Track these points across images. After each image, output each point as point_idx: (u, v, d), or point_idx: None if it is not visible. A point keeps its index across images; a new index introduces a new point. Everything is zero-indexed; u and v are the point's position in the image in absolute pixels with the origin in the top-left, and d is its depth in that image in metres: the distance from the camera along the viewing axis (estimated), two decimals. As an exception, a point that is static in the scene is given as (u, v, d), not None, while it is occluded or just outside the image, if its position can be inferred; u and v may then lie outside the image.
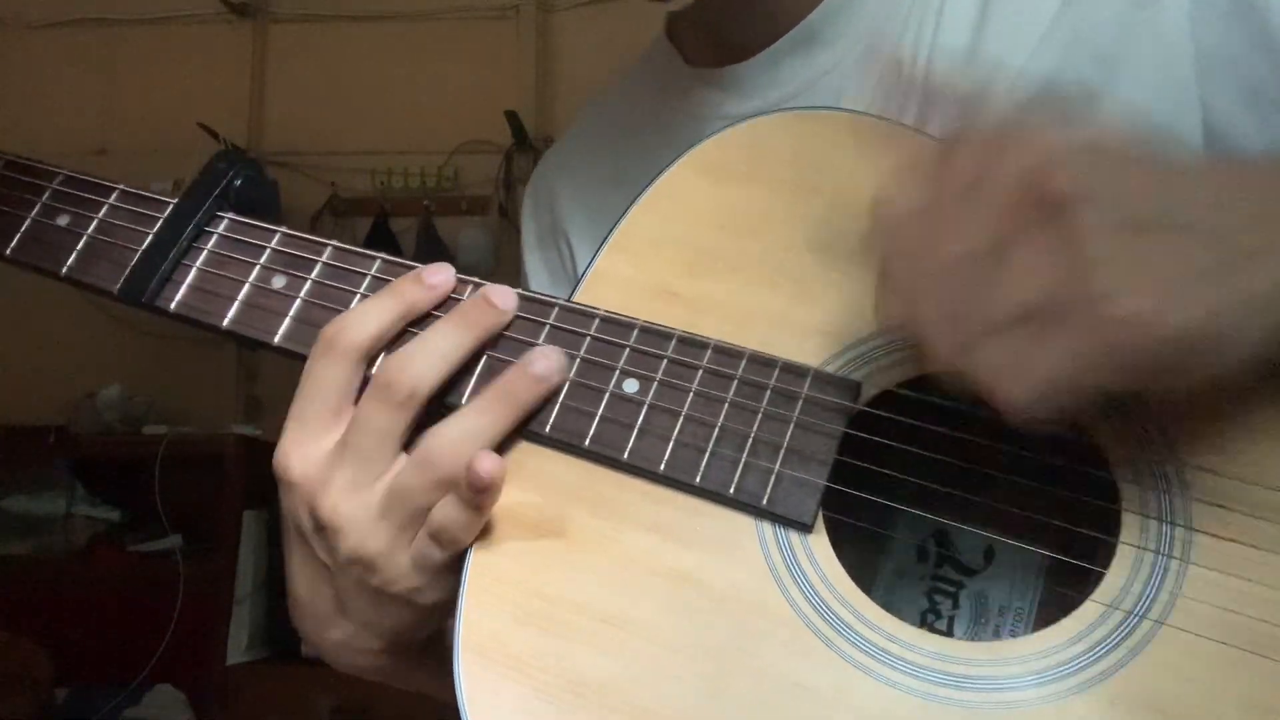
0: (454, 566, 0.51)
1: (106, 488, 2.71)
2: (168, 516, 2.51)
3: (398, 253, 0.56)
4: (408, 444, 0.51)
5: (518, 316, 0.53)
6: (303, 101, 3.08)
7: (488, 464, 0.48)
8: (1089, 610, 0.44)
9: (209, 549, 2.51)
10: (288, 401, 0.52)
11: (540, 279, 0.79)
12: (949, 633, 0.54)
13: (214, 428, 2.71)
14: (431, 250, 2.84)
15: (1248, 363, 0.40)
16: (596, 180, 0.76)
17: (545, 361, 0.51)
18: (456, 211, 2.99)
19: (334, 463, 0.50)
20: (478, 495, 0.48)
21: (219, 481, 2.50)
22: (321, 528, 0.50)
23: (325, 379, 0.51)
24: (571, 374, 0.52)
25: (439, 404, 0.51)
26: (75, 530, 2.64)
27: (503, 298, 0.53)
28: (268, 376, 2.94)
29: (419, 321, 0.53)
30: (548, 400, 0.51)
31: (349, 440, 0.50)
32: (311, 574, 0.53)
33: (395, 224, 2.97)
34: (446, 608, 0.53)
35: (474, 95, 2.98)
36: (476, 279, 0.54)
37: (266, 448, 0.52)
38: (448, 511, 0.49)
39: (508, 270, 2.41)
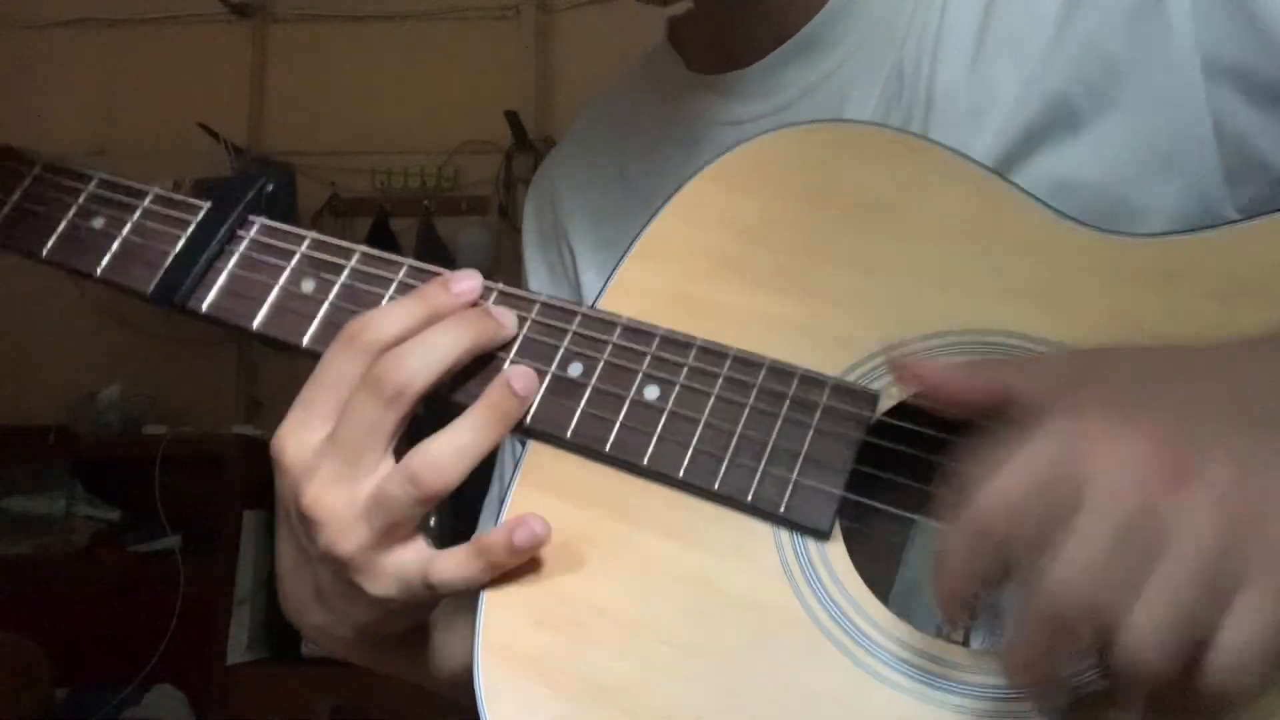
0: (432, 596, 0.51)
1: (106, 488, 2.70)
2: (168, 516, 2.51)
3: (397, 253, 0.57)
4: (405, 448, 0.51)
5: (541, 323, 0.54)
6: (303, 101, 3.07)
7: (539, 527, 0.49)
8: None
9: (209, 549, 2.51)
10: (287, 402, 0.53)
11: (540, 278, 0.80)
12: (965, 645, 0.55)
13: (214, 428, 2.71)
14: (431, 250, 2.83)
15: None
16: (599, 183, 0.76)
17: (525, 380, 0.52)
18: (456, 211, 2.98)
19: (323, 453, 0.51)
20: (512, 557, 0.49)
21: (219, 481, 2.49)
22: (303, 516, 0.51)
23: (338, 370, 0.52)
24: (594, 381, 0.53)
25: (446, 404, 0.52)
26: (75, 530, 2.64)
27: (503, 311, 0.54)
28: (268, 376, 2.93)
29: None
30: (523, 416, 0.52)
31: (337, 432, 0.51)
32: (295, 558, 0.54)
33: (395, 224, 2.96)
34: (417, 610, 0.54)
35: (474, 95, 2.98)
36: (502, 286, 0.55)
37: (266, 448, 0.53)
38: (463, 572, 0.49)
39: (507, 271, 2.40)
